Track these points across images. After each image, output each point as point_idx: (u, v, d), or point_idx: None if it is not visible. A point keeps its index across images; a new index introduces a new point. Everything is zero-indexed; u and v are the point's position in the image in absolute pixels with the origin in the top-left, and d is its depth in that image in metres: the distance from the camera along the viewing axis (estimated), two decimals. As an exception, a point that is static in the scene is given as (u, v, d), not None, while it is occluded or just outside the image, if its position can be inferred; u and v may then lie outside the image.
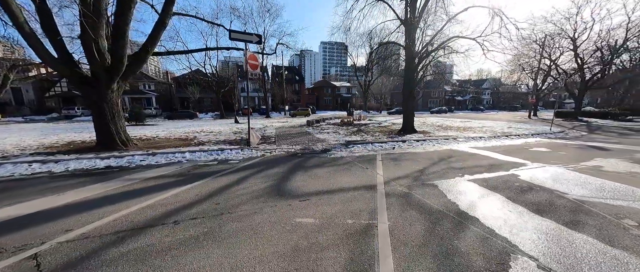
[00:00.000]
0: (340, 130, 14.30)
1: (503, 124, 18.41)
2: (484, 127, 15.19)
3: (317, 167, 5.28)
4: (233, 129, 15.97)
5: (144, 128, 16.39)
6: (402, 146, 8.29)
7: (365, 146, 8.26)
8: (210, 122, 23.56)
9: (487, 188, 3.74)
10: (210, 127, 16.90)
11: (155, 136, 12.47)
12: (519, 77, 39.57)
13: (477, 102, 67.49)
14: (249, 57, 7.35)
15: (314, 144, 8.66)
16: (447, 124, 18.34)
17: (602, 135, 11.95)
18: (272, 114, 40.28)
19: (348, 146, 8.27)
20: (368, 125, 17.20)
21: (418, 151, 7.35)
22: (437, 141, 9.26)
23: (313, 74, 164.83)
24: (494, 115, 34.51)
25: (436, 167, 5.13)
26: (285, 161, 5.97)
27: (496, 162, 5.52)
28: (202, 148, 7.43)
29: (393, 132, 13.23)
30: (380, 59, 34.47)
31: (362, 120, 21.74)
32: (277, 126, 17.61)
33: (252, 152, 6.97)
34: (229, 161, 5.98)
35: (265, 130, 14.49)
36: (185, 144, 9.34)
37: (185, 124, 20.70)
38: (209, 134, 13.20)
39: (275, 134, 12.47)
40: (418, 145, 8.47)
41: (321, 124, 18.41)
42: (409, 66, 13.22)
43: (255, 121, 23.68)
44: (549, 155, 6.50)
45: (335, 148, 7.89)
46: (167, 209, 3.03)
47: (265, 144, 8.96)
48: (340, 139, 10.09)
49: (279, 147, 8.07)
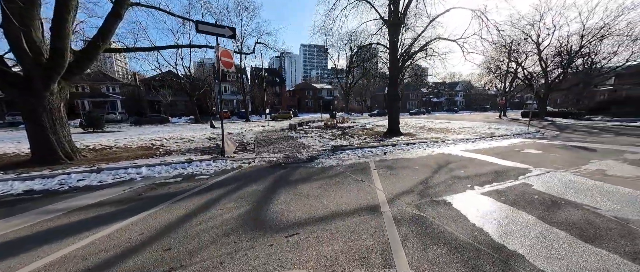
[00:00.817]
0: (325, 134, 13.60)
1: (481, 124, 18.92)
2: (465, 128, 15.35)
3: (304, 181, 4.47)
4: (208, 134, 14.59)
5: (103, 136, 14.41)
6: (393, 150, 7.75)
7: (355, 151, 7.59)
8: (183, 127, 21.68)
9: (508, 204, 3.19)
10: (181, 133, 15.34)
11: (113, 145, 10.84)
12: (490, 80, 41.98)
13: (451, 103, 70.88)
14: (222, 54, 6.35)
15: (299, 151, 7.82)
16: (428, 125, 18.43)
17: (574, 134, 12.47)
18: (252, 118, 38.66)
19: (336, 152, 7.55)
20: (352, 128, 16.68)
21: (411, 156, 6.83)
22: (426, 144, 8.87)
23: (294, 76, 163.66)
24: (468, 116, 36.04)
25: (439, 177, 4.55)
26: (266, 173, 5.07)
27: (499, 169, 5.10)
28: (165, 160, 6.26)
29: (379, 134, 12.80)
30: (362, 61, 34.58)
31: (346, 123, 21.25)
32: (257, 131, 16.48)
33: (226, 163, 5.97)
34: (196, 176, 4.94)
35: (244, 136, 13.35)
36: (147, 154, 8.03)
37: (154, 130, 18.75)
38: (179, 141, 11.80)
39: (255, 140, 11.42)
40: (409, 149, 7.98)
41: (304, 128, 17.58)
42: (392, 67, 12.92)
43: (233, 125, 22.21)
44: (544, 157, 6.28)
45: (323, 155, 7.12)
46: (84, 266, 2.04)
47: (244, 152, 7.95)
48: (326, 144, 9.36)
49: (259, 155, 7.12)
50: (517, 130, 13.52)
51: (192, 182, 4.52)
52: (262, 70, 38.27)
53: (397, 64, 12.82)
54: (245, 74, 52.90)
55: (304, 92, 57.73)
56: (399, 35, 12.86)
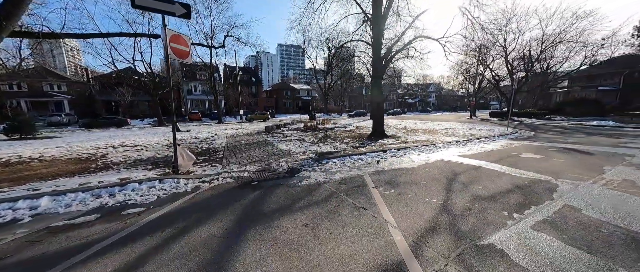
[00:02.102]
0: (305, 136, 12.36)
1: (459, 124, 19.05)
2: (448, 130, 15.12)
3: (284, 212, 3.20)
4: (169, 140, 12.54)
5: (32, 144, 11.64)
6: (386, 157, 6.77)
7: (343, 160, 6.47)
8: (143, 131, 18.95)
9: (583, 249, 2.26)
10: (138, 139, 13.06)
11: (38, 156, 8.57)
12: (462, 82, 44.01)
13: (424, 104, 73.80)
14: (171, 39, 4.81)
15: (276, 161, 6.48)
16: (409, 126, 18.08)
17: (548, 134, 12.70)
18: (226, 119, 36.05)
19: (321, 161, 6.35)
20: (334, 130, 15.65)
21: (407, 164, 5.88)
22: (418, 149, 8.06)
23: (271, 76, 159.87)
24: (442, 116, 37.16)
25: (458, 199, 3.57)
26: (231, 200, 3.71)
27: (519, 182, 4.29)
28: (88, 183, 4.53)
29: (363, 137, 11.90)
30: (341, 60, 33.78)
31: (326, 124, 20.21)
32: (230, 134, 14.71)
33: (178, 184, 4.46)
34: (126, 209, 3.42)
35: (214, 141, 11.60)
36: (77, 170, 6.16)
37: (106, 135, 15.99)
38: (130, 149, 9.75)
39: (225, 146, 9.80)
40: (402, 155, 7.07)
41: (282, 130, 16.15)
42: (375, 66, 12.10)
43: (203, 128, 19.97)
44: (552, 164, 5.71)
45: (306, 166, 5.88)
46: None
47: (208, 163, 6.39)
48: (309, 150, 8.12)
49: (227, 169, 5.67)
50: (498, 131, 13.51)
51: (114, 221, 3.00)
52: (236, 69, 35.80)
53: (381, 62, 12.03)
54: (218, 72, 49.57)
55: (282, 93, 55.83)
56: (382, 31, 12.07)
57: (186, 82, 43.36)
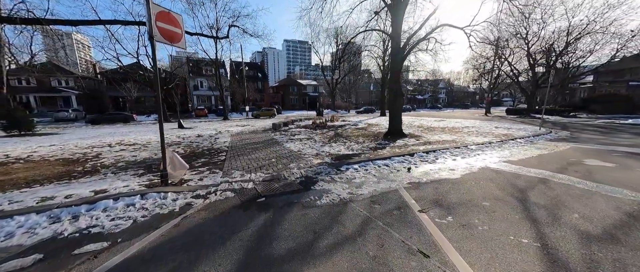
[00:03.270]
0: (315, 135, 11.32)
1: (479, 122, 17.62)
2: (470, 128, 13.79)
3: (303, 258, 2.19)
4: (172, 137, 11.74)
5: (28, 141, 11.00)
6: (416, 162, 5.67)
7: (365, 166, 5.40)
8: (147, 127, 18.32)
9: None
10: (138, 136, 12.31)
11: (27, 156, 7.86)
12: (475, 77, 41.95)
13: (434, 101, 71.51)
14: (158, 16, 3.82)
15: (286, 167, 5.48)
16: (425, 123, 16.77)
17: (588, 134, 11.26)
18: (232, 116, 35.36)
19: (339, 167, 5.30)
20: (345, 128, 14.55)
21: (446, 174, 4.77)
22: (448, 151, 6.90)
23: (277, 72, 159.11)
24: (455, 113, 35.47)
25: (561, 239, 2.47)
26: (229, 230, 2.71)
27: (631, 209, 3.14)
28: (49, 199, 3.61)
29: (378, 136, 10.78)
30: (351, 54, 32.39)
31: (336, 122, 19.11)
32: (235, 132, 13.82)
33: (164, 200, 3.50)
34: (85, 242, 2.46)
35: (217, 139, 10.70)
36: (61, 173, 5.35)
37: (108, 131, 15.39)
38: (127, 148, 8.97)
39: (229, 146, 8.87)
40: (434, 160, 5.95)
41: (290, 128, 15.16)
42: (395, 58, 10.87)
43: (208, 125, 19.19)
44: (634, 176, 4.52)
45: (322, 173, 4.85)
46: None
47: (207, 168, 5.43)
48: (322, 152, 7.08)
49: (228, 176, 4.69)
50: (530, 130, 12.12)
51: (56, 270, 2.05)
52: (242, 64, 34.90)
53: (400, 53, 10.80)
54: (224, 68, 48.91)
55: (288, 88, 54.77)
56: (402, 19, 10.82)
57: (192, 78, 42.84)
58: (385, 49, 27.25)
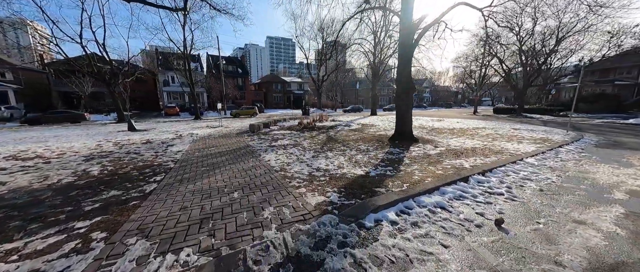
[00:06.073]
0: (303, 140, 8.77)
1: (483, 122, 16.01)
2: (481, 129, 11.91)
3: None
4: (107, 145, 8.54)
5: None
6: (482, 193, 3.36)
7: (407, 213, 2.98)
8: (91, 129, 14.66)
9: None
10: (60, 144, 8.95)
11: None
12: (462, 75, 41.38)
13: (419, 99, 71.43)
14: None
15: (255, 221, 2.90)
16: (424, 123, 14.80)
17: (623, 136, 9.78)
18: (209, 114, 31.68)
19: (360, 218, 2.83)
20: (337, 129, 12.11)
21: (585, 233, 2.50)
22: (511, 171, 4.70)
23: (260, 70, 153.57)
24: (443, 112, 34.52)
25: None
26: None
27: None
28: None
29: (381, 140, 8.48)
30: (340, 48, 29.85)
31: (325, 122, 16.62)
32: (201, 135, 10.88)
33: None
34: None
35: (170, 148, 7.77)
36: None
37: (33, 135, 11.72)
38: (14, 173, 5.71)
39: (178, 159, 6.03)
40: (505, 189, 3.68)
41: (272, 129, 12.43)
42: (404, 43, 8.56)
43: (172, 126, 15.87)
44: None
45: (330, 242, 2.36)
46: None
47: (77, 237, 2.66)
48: (315, 170, 4.51)
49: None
50: (559, 135, 10.26)
51: None
52: (219, 58, 31.27)
53: (410, 40, 8.51)
54: (200, 62, 44.48)
55: (271, 86, 51.46)
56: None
57: (162, 72, 38.21)
58: (376, 43, 25.21)
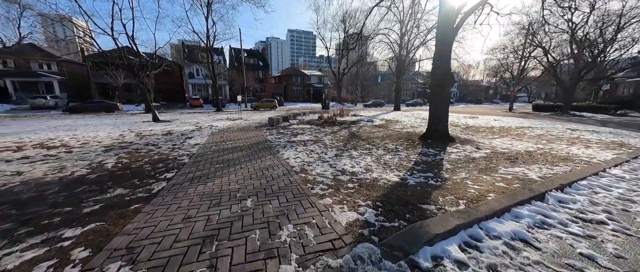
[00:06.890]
0: (324, 135, 8.10)
1: (527, 121, 14.15)
2: (526, 128, 10.37)
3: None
4: (130, 135, 8.54)
5: None
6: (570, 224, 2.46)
7: (476, 249, 2.21)
8: (121, 119, 15.28)
9: None
10: (86, 133, 9.13)
11: None
12: (497, 68, 37.76)
13: (446, 94, 67.08)
14: None
15: (270, 243, 2.31)
16: (456, 121, 13.35)
17: None
18: (230, 106, 32.25)
19: (410, 253, 2.12)
20: (359, 125, 11.29)
21: None
22: (591, 191, 3.67)
23: (280, 63, 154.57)
24: (473, 109, 31.83)
25: None
26: None
27: None
28: None
29: (410, 138, 7.53)
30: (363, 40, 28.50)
31: (346, 116, 15.81)
32: (220, 128, 10.68)
33: None
34: None
35: (188, 140, 7.52)
36: None
37: (67, 123, 12.39)
38: (35, 156, 5.68)
39: (194, 153, 5.67)
40: (606, 216, 2.73)
41: (291, 123, 11.93)
42: (443, 29, 7.40)
43: (194, 118, 16.06)
44: None
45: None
46: None
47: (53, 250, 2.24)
48: (340, 172, 3.75)
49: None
50: (634, 138, 8.56)
51: None
52: (241, 51, 31.41)
53: (452, 22, 7.33)
54: (223, 55, 45.31)
55: (291, 79, 51.22)
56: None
57: (188, 65, 39.46)
58: (403, 33, 23.52)
